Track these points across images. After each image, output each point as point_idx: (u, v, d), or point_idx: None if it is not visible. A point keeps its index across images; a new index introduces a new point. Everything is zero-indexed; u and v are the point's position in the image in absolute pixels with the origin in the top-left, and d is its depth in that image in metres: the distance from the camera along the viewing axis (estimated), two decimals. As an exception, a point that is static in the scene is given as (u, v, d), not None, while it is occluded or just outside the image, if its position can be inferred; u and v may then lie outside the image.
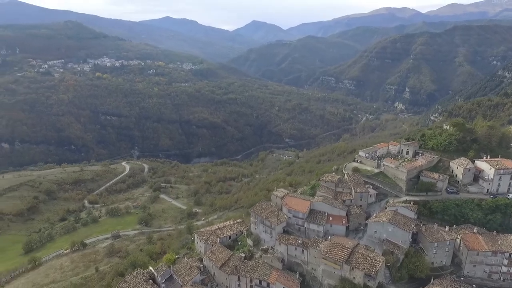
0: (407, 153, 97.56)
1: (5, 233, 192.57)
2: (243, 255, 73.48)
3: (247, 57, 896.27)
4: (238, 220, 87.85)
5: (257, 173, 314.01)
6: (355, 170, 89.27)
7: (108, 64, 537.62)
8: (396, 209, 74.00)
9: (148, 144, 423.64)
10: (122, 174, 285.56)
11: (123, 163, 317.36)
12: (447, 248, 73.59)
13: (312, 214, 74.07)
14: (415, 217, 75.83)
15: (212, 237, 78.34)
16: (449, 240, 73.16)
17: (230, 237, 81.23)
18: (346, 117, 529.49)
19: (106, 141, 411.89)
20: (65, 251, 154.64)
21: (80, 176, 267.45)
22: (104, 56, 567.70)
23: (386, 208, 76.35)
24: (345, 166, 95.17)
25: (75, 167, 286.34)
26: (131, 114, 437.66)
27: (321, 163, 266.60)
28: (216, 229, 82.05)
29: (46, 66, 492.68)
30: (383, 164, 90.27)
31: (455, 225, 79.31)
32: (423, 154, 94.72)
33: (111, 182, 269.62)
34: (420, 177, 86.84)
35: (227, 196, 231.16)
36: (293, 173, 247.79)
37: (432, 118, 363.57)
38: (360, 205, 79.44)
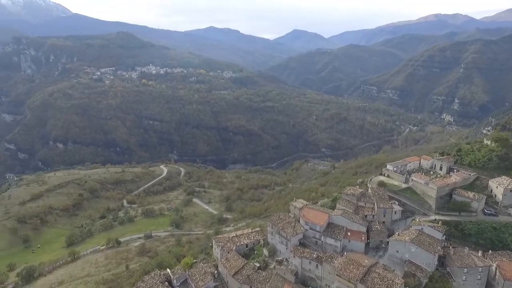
0: (441, 168, 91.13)
1: (52, 226, 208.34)
2: (258, 264, 72.97)
3: (286, 66, 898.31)
4: (257, 229, 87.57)
5: (290, 182, 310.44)
6: (381, 184, 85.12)
7: (154, 72, 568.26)
8: (422, 228, 69.25)
9: (186, 148, 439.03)
10: (160, 177, 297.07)
11: (162, 166, 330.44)
12: (479, 276, 67.15)
13: (330, 228, 71.73)
14: (443, 238, 70.37)
15: (228, 244, 78.85)
16: (481, 266, 66.75)
17: (247, 246, 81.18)
18: (387, 128, 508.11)
19: (148, 145, 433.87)
20: (101, 248, 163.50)
21: (121, 176, 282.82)
22: (150, 64, 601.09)
23: (411, 226, 71.75)
24: (371, 180, 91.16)
25: (117, 168, 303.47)
26: (172, 119, 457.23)
27: (357, 174, 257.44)
28: (234, 236, 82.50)
29: (99, 73, 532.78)
30: (412, 179, 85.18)
31: (490, 251, 72.22)
32: (458, 171, 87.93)
33: (149, 184, 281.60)
34: (453, 196, 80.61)
35: (257, 204, 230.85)
36: (327, 184, 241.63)
37: (484, 131, 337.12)
38: (383, 222, 75.50)
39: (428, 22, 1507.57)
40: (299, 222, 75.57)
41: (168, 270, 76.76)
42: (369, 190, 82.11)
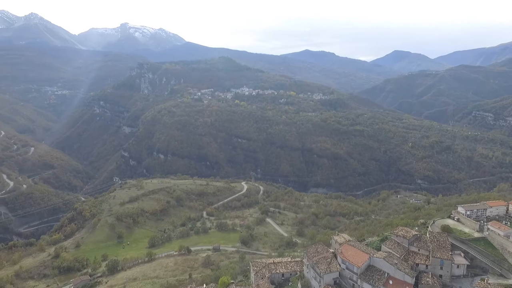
0: (536, 220, 72.29)
1: (142, 227, 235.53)
2: (288, 297, 69.21)
3: (382, 88, 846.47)
4: (297, 259, 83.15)
5: (373, 213, 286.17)
6: (445, 229, 71.63)
7: (246, 93, 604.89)
8: (488, 292, 55.62)
9: (270, 168, 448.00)
10: (239, 193, 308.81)
11: (243, 183, 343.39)
12: None
13: (369, 271, 63.49)
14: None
15: (263, 270, 76.86)
16: None
17: (283, 275, 77.70)
18: (505, 162, 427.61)
19: (235, 161, 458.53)
20: (174, 253, 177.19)
21: (205, 189, 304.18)
22: (245, 86, 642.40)
23: (475, 287, 58.38)
24: (433, 222, 77.68)
25: (202, 181, 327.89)
26: (259, 138, 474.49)
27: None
28: (271, 263, 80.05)
29: (199, 93, 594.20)
30: (488, 228, 69.63)
31: None
32: (562, 226, 68.29)
33: (228, 199, 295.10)
34: (547, 257, 62.76)
35: (330, 232, 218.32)
36: (416, 221, 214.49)
37: None
38: (440, 275, 63.23)
39: None
40: (336, 258, 69.32)
41: (204, 285, 78.88)
42: (427, 234, 70.17)
